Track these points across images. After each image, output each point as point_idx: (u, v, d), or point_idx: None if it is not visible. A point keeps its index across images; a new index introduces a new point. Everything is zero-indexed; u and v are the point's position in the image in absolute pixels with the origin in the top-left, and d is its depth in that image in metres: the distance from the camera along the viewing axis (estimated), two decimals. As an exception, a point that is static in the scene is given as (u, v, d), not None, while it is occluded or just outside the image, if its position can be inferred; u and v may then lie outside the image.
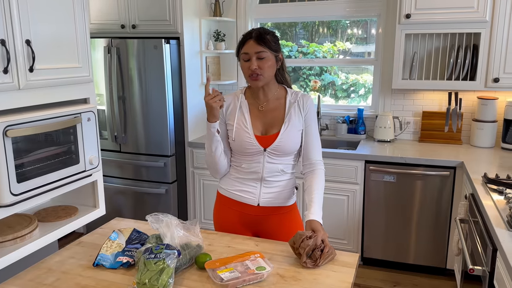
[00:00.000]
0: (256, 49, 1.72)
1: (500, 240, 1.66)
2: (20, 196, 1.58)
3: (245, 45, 1.75)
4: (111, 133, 3.54)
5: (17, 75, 1.58)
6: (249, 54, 1.73)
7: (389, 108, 3.58)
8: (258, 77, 1.74)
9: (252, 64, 1.72)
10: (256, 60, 1.72)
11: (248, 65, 1.74)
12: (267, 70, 1.74)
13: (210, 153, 1.81)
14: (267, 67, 1.74)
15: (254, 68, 1.72)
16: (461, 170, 2.89)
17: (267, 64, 1.74)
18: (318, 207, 1.71)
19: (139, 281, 1.35)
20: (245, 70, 1.76)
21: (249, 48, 1.73)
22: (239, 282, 1.38)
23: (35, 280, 1.45)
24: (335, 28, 3.78)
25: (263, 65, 1.73)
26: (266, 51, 1.73)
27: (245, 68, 1.76)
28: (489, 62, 2.98)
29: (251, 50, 1.72)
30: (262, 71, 1.73)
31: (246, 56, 1.74)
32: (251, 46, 1.73)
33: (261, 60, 1.73)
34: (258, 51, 1.72)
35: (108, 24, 3.53)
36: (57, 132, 1.78)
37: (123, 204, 3.66)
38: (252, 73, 1.73)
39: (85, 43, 1.86)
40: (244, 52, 1.75)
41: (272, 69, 1.77)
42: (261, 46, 1.72)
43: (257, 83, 1.76)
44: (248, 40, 1.74)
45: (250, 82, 1.78)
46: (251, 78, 1.75)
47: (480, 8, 2.91)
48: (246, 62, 1.75)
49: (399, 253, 3.16)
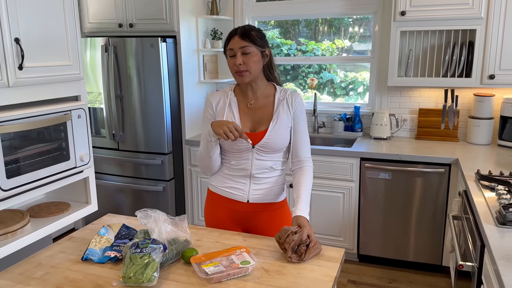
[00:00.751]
0: (241, 44, 1.73)
1: (487, 236, 1.66)
2: (9, 192, 1.61)
3: (231, 41, 1.76)
4: (109, 131, 3.57)
5: (6, 73, 1.60)
6: (234, 50, 1.74)
7: (386, 105, 3.58)
8: (244, 73, 1.75)
9: (237, 59, 1.73)
10: (241, 55, 1.74)
11: (234, 61, 1.75)
12: (253, 65, 1.75)
13: (207, 155, 1.81)
14: (252, 63, 1.75)
15: (239, 63, 1.73)
16: (456, 167, 2.88)
17: (252, 60, 1.75)
18: (305, 203, 1.72)
19: (124, 275, 1.37)
20: (231, 66, 1.78)
21: (234, 44, 1.75)
22: (224, 276, 1.40)
23: (24, 273, 1.47)
24: (337, 26, 3.78)
25: (248, 61, 1.74)
26: (251, 46, 1.74)
27: (231, 65, 1.77)
28: (485, 58, 2.97)
29: (235, 46, 1.74)
30: (248, 67, 1.74)
31: (232, 52, 1.76)
32: (236, 41, 1.74)
33: (246, 56, 1.74)
34: (243, 46, 1.73)
35: (105, 23, 3.56)
36: (47, 129, 1.80)
37: (122, 202, 3.69)
38: (238, 70, 1.75)
39: (75, 41, 1.88)
40: (229, 48, 1.76)
41: (258, 64, 1.78)
42: (246, 41, 1.73)
43: (243, 79, 1.77)
44: (233, 36, 1.76)
45: (237, 78, 1.79)
46: (238, 74, 1.77)
47: (475, 5, 2.90)
48: (232, 58, 1.77)
49: (395, 250, 3.16)
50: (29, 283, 1.41)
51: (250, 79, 1.78)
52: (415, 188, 3.01)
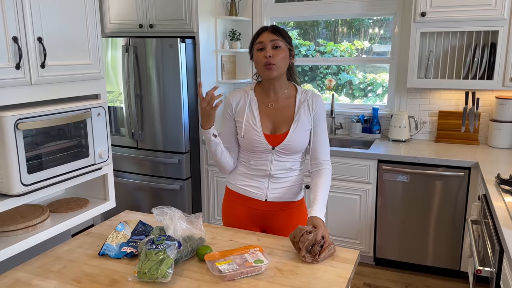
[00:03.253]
0: (272, 37, 1.74)
1: (507, 241, 1.63)
2: (30, 187, 1.65)
3: (260, 36, 1.77)
4: (128, 130, 3.62)
5: (29, 71, 1.65)
6: (264, 43, 1.74)
7: (405, 107, 3.54)
8: (272, 67, 1.74)
9: (267, 51, 1.73)
10: (271, 48, 1.74)
11: (263, 53, 1.74)
12: (281, 61, 1.75)
13: (211, 155, 1.86)
14: (281, 58, 1.75)
15: (269, 55, 1.72)
16: (476, 170, 2.83)
17: (281, 55, 1.75)
18: (321, 205, 1.72)
19: (139, 270, 1.39)
20: (260, 59, 1.76)
21: (264, 37, 1.75)
22: (237, 274, 1.40)
23: (43, 267, 1.51)
24: (357, 28, 3.76)
25: (278, 55, 1.74)
26: (282, 41, 1.75)
27: (260, 57, 1.76)
28: (507, 60, 2.91)
29: (266, 39, 1.74)
30: (276, 61, 1.73)
31: (261, 45, 1.75)
32: (266, 35, 1.75)
33: (276, 50, 1.74)
34: (274, 39, 1.74)
35: (126, 24, 3.62)
36: (68, 126, 1.84)
37: (140, 200, 3.74)
38: (267, 62, 1.73)
39: (96, 41, 1.92)
40: (259, 42, 1.76)
41: (285, 61, 1.78)
42: (276, 36, 1.74)
43: (271, 72, 1.75)
44: (263, 32, 1.78)
45: (264, 72, 1.77)
46: (266, 67, 1.74)
47: (498, 6, 2.84)
48: (260, 52, 1.76)
49: (412, 254, 3.12)
50: (48, 276, 1.45)
51: (277, 74, 1.77)
52: (433, 192, 2.97)
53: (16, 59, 1.59)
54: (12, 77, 1.58)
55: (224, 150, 1.85)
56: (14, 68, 1.58)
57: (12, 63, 1.58)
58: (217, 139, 1.81)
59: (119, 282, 1.40)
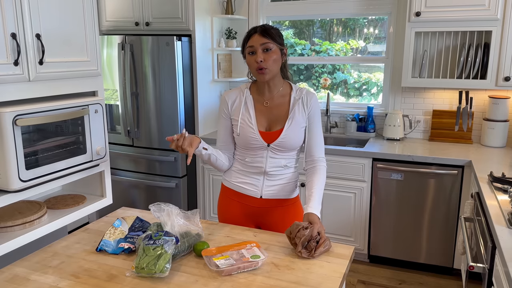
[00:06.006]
0: (262, 41, 1.74)
1: (499, 237, 1.66)
2: (28, 183, 1.66)
3: (250, 39, 1.77)
4: (124, 128, 3.62)
5: (27, 67, 1.65)
6: (255, 47, 1.75)
7: (399, 106, 3.57)
8: (264, 71, 1.75)
9: (258, 56, 1.74)
10: (262, 52, 1.75)
11: (254, 58, 1.75)
12: (273, 63, 1.76)
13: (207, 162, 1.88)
14: (273, 61, 1.76)
15: (260, 60, 1.73)
16: (469, 169, 2.87)
17: (273, 57, 1.76)
18: (317, 201, 1.74)
19: (137, 265, 1.41)
20: (252, 64, 1.77)
21: (254, 41, 1.75)
22: (234, 269, 1.42)
23: (41, 262, 1.52)
24: (352, 27, 3.78)
25: (269, 58, 1.75)
26: (272, 43, 1.75)
27: (252, 62, 1.77)
28: (500, 60, 2.94)
29: (256, 43, 1.75)
30: (268, 64, 1.75)
31: (252, 49, 1.76)
32: (256, 39, 1.75)
33: (266, 53, 1.75)
34: (264, 43, 1.74)
35: (122, 22, 3.62)
36: (65, 123, 1.85)
37: (135, 197, 3.75)
38: (259, 67, 1.75)
39: (94, 38, 1.93)
40: (249, 46, 1.77)
41: (277, 62, 1.79)
42: (266, 38, 1.74)
43: (264, 76, 1.77)
44: (253, 35, 1.77)
45: (257, 76, 1.79)
46: (258, 72, 1.76)
47: (491, 6, 2.88)
48: (251, 56, 1.77)
49: (406, 252, 3.15)
50: (46, 271, 1.46)
51: (269, 77, 1.79)
52: (427, 190, 3.00)
53: (14, 56, 1.59)
54: (11, 73, 1.59)
55: (217, 155, 1.87)
56: (13, 65, 1.59)
57: (10, 59, 1.58)
58: (209, 150, 1.81)
59: (117, 277, 1.42)
